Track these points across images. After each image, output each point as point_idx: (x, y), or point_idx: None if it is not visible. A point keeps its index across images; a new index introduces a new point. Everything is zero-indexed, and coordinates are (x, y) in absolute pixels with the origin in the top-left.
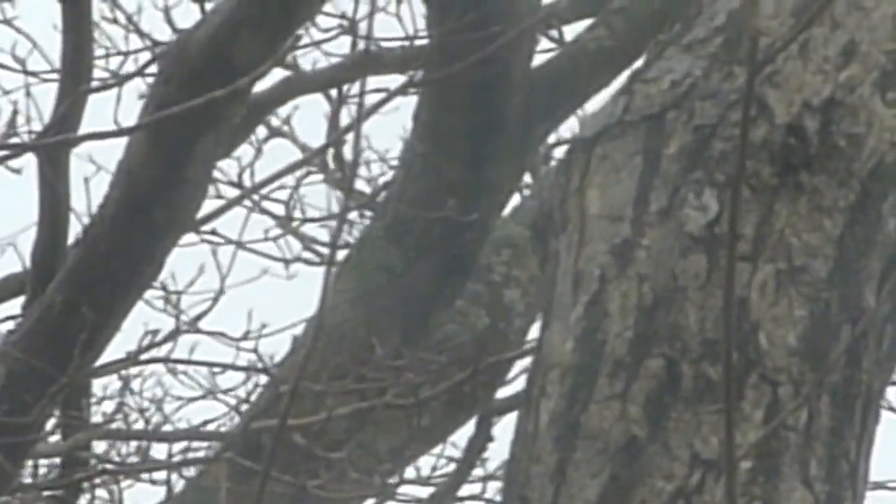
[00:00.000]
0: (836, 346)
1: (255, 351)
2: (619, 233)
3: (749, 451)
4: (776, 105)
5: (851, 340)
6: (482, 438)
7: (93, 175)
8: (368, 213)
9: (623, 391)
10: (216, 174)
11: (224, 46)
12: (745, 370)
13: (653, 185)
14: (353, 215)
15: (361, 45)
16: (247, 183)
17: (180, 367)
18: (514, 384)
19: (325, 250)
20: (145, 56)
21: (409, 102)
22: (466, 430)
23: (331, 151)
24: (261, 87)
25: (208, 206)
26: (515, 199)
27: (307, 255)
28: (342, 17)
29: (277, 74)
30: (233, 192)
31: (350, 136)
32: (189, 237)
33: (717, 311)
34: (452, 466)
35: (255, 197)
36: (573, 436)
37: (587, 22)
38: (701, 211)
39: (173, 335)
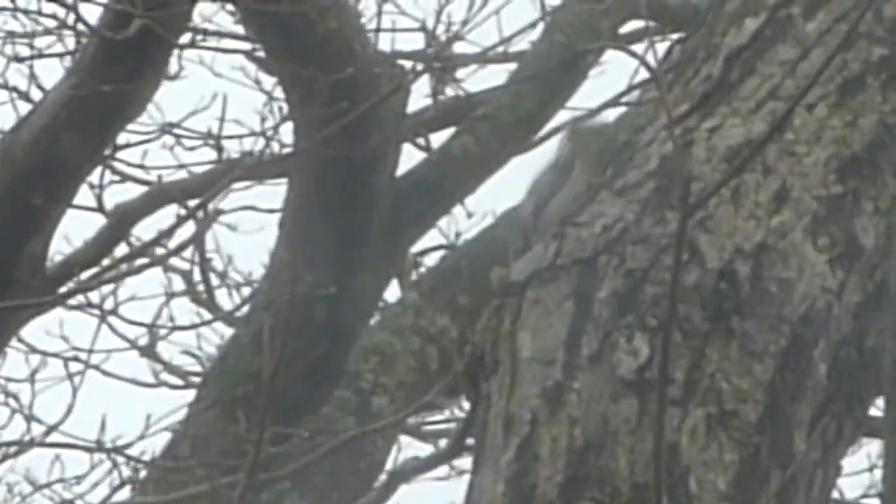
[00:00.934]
0: (766, 490)
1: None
2: (550, 376)
3: None
4: (708, 250)
5: (781, 486)
6: None
7: None
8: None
9: None
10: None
11: (48, 148)
12: None
13: (584, 329)
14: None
15: (225, 155)
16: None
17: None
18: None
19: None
20: None
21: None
22: None
23: (197, 269)
24: (125, 197)
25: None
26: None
27: (169, 377)
28: (208, 134)
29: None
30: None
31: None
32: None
33: (647, 455)
34: None
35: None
36: None
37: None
38: (632, 355)
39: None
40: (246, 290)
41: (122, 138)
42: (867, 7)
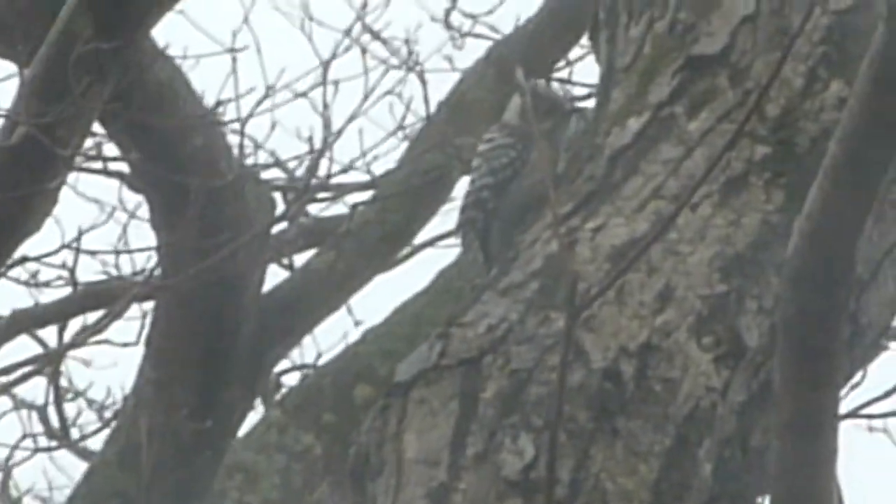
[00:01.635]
0: None
1: None
2: (435, 477)
3: None
4: (593, 350)
5: None
6: None
7: None
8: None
9: None
10: None
11: None
12: None
13: (470, 430)
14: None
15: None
16: None
17: None
18: None
19: None
20: None
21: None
22: None
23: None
24: None
25: None
26: (248, 424)
27: None
28: (63, 266)
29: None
30: None
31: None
32: None
33: None
34: None
35: None
36: None
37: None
38: (517, 455)
39: None
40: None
41: None
42: (751, 107)
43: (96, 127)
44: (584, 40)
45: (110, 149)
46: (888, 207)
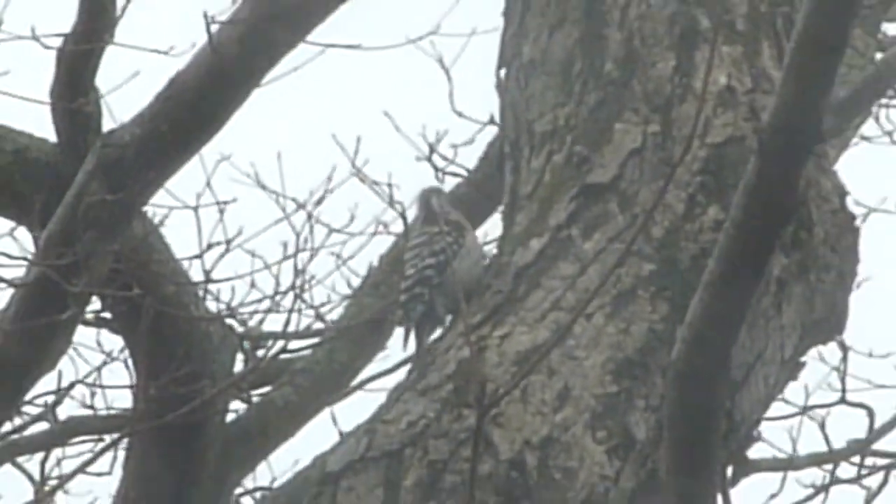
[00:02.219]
0: None
1: None
2: None
3: None
4: (500, 442)
5: None
6: None
7: None
8: None
9: None
10: None
11: None
12: None
13: None
14: None
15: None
16: None
17: None
18: None
19: None
20: None
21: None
22: None
23: None
24: None
25: None
26: None
27: None
28: (44, 401)
29: None
30: None
31: None
32: None
33: None
34: None
35: None
36: None
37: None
38: None
39: None
40: None
41: None
42: (638, 229)
43: None
44: None
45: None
46: (759, 317)
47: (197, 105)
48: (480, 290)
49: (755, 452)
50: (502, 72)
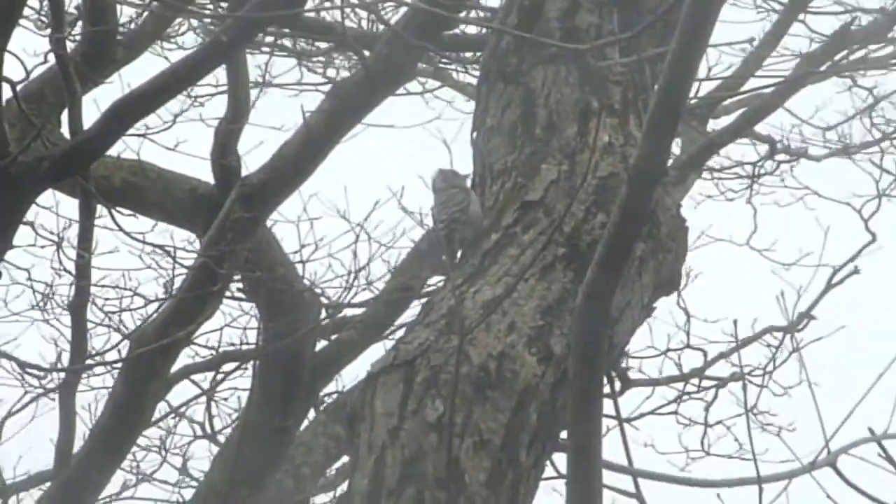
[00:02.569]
0: (504, 482)
1: None
2: (391, 422)
3: None
4: (473, 355)
5: (513, 479)
6: None
7: None
8: None
9: None
10: None
11: (163, 333)
12: (457, 494)
13: (409, 397)
14: None
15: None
16: None
17: None
18: None
19: None
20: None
21: None
22: None
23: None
24: None
25: None
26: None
27: None
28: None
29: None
30: None
31: None
32: None
33: (443, 463)
34: None
35: None
36: None
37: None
38: (434, 410)
39: None
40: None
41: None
42: (555, 227)
43: None
44: None
45: None
46: (628, 280)
47: (296, 161)
48: (481, 230)
49: (634, 374)
50: (474, 134)
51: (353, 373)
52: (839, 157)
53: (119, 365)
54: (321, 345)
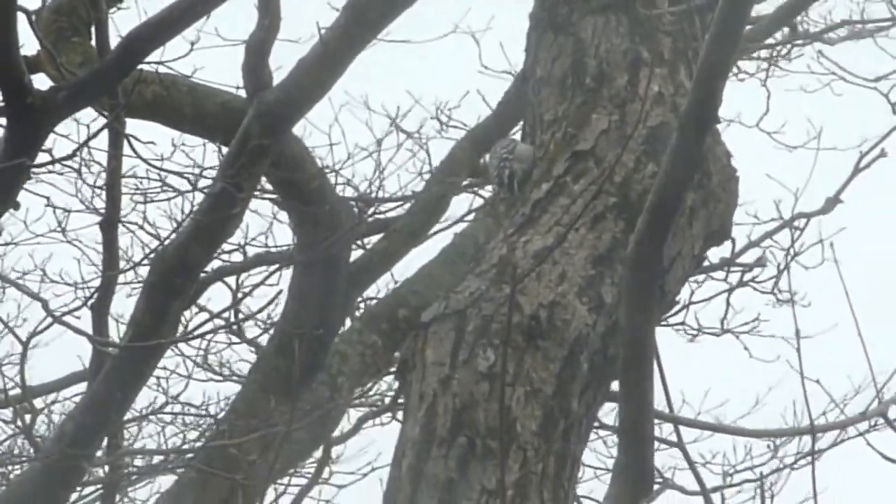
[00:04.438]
0: (556, 430)
1: None
2: (443, 372)
3: (512, 486)
4: (524, 304)
5: (565, 427)
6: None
7: None
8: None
9: (445, 454)
10: None
11: (184, 254)
12: (509, 443)
13: (460, 347)
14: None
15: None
16: None
17: None
18: None
19: None
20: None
21: None
22: None
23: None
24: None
25: None
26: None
27: None
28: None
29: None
30: None
31: None
32: None
33: (494, 412)
34: None
35: None
36: (419, 478)
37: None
38: (486, 360)
39: None
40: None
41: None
42: (606, 177)
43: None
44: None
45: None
46: (679, 229)
47: (313, 76)
48: (532, 163)
49: None
50: (526, 85)
51: (387, 282)
52: (854, 39)
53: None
54: (356, 255)
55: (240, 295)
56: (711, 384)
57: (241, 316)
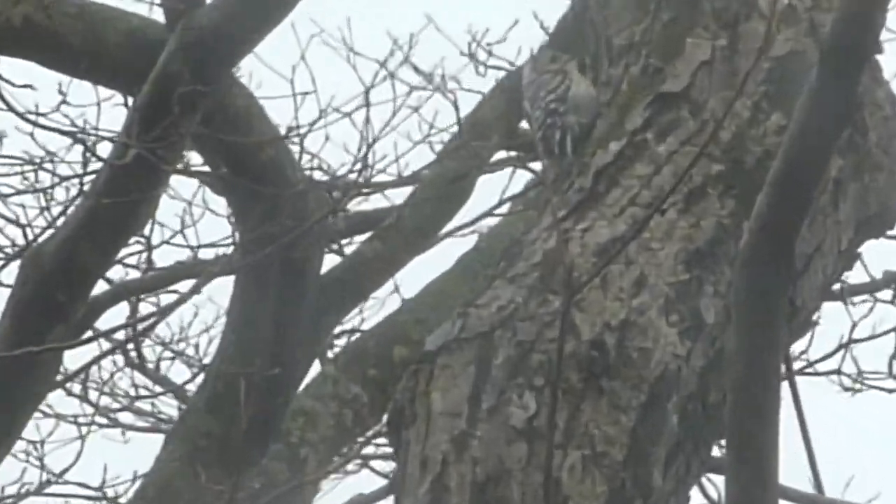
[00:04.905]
0: None
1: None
2: (457, 426)
3: None
4: (582, 325)
5: None
6: None
7: None
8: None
9: None
10: None
11: (69, 255)
12: None
13: (484, 389)
14: None
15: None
16: None
17: None
18: None
19: None
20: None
21: None
22: None
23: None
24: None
25: None
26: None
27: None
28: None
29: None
30: None
31: None
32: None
33: (535, 487)
34: None
35: None
36: None
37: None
38: (522, 409)
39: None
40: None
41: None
42: (711, 134)
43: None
44: None
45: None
46: (818, 213)
47: None
48: (595, 116)
49: None
50: None
51: (380, 305)
52: None
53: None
54: (332, 261)
55: (147, 321)
56: (877, 451)
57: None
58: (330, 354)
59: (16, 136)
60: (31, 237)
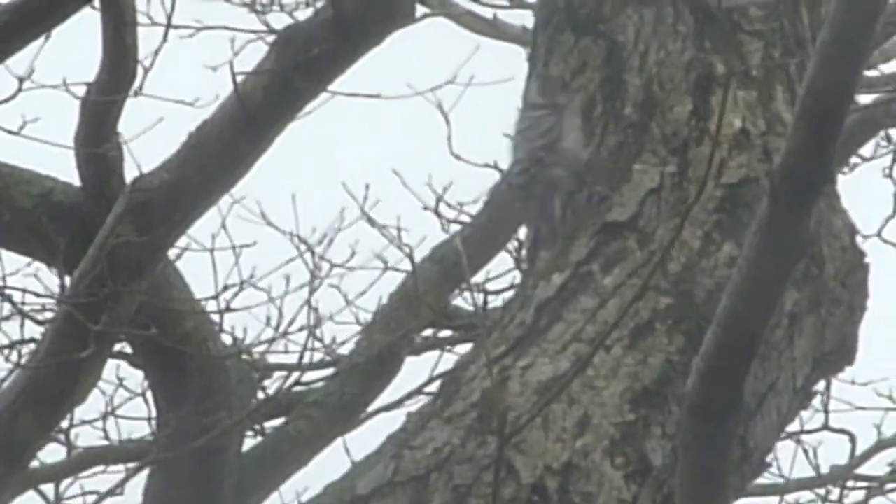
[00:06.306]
0: None
1: None
2: None
3: None
4: (522, 468)
5: None
6: None
7: None
8: None
9: None
10: None
11: (7, 426)
12: None
13: None
14: None
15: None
16: None
17: None
18: None
19: None
20: None
21: None
22: None
23: None
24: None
25: None
26: None
27: None
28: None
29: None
30: None
31: None
32: None
33: None
34: None
35: None
36: None
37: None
38: None
39: None
40: None
41: None
42: (656, 265)
43: None
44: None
45: None
46: (772, 349)
47: (223, 152)
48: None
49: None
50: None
51: (304, 483)
52: None
53: None
54: (252, 442)
55: None
56: None
57: None
58: None
59: None
60: None
